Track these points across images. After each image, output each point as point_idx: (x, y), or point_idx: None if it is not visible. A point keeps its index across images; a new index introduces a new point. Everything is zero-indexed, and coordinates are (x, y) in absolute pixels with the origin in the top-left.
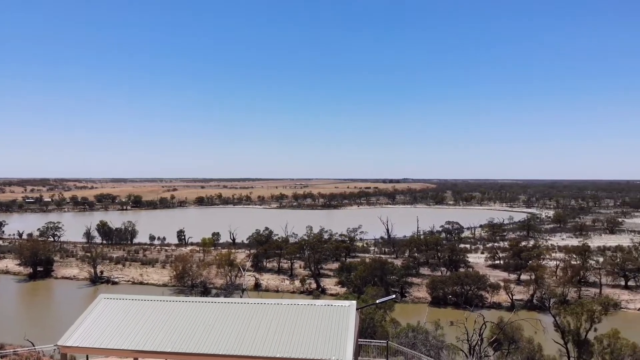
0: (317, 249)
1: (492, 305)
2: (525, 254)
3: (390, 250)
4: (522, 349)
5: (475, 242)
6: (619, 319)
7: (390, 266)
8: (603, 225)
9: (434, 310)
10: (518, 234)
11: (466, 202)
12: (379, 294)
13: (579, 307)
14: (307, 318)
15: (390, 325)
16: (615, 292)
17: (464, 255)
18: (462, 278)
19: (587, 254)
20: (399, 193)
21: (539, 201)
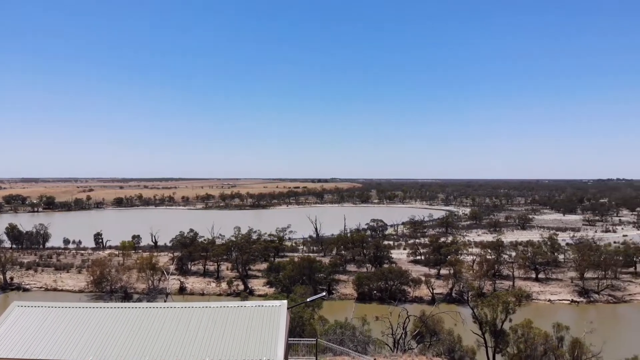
0: (245, 250)
1: (414, 299)
2: (445, 250)
3: (318, 248)
4: (443, 340)
5: (398, 238)
6: (531, 309)
7: (318, 264)
8: (515, 221)
9: (360, 306)
10: (437, 230)
11: (390, 200)
12: (308, 293)
13: (494, 299)
14: (237, 320)
15: (319, 323)
16: (527, 284)
17: (388, 251)
18: (386, 274)
19: (501, 249)
20: (327, 192)
21: (456, 199)
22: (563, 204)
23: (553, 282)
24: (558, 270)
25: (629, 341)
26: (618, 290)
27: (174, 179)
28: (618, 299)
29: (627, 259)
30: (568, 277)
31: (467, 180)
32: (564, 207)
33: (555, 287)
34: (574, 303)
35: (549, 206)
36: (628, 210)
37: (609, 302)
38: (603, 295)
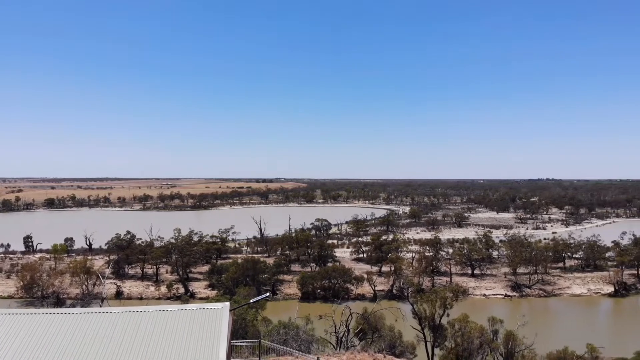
0: (185, 252)
1: (357, 297)
2: (386, 247)
3: (263, 249)
4: (385, 336)
5: (341, 237)
6: (468, 304)
7: (262, 265)
8: (452, 219)
9: (304, 305)
10: (379, 228)
11: (334, 200)
12: (251, 294)
13: (433, 295)
14: (177, 324)
15: (262, 324)
16: (464, 279)
17: (332, 250)
18: (330, 272)
19: (439, 246)
20: (272, 192)
21: (397, 198)
22: (497, 202)
23: (488, 278)
24: (492, 266)
25: (559, 333)
26: (548, 284)
27: (109, 178)
28: (548, 293)
29: (556, 255)
30: (502, 272)
31: (407, 180)
32: (498, 206)
33: (490, 283)
34: (508, 297)
35: (484, 205)
36: (557, 209)
37: (540, 296)
38: (534, 289)
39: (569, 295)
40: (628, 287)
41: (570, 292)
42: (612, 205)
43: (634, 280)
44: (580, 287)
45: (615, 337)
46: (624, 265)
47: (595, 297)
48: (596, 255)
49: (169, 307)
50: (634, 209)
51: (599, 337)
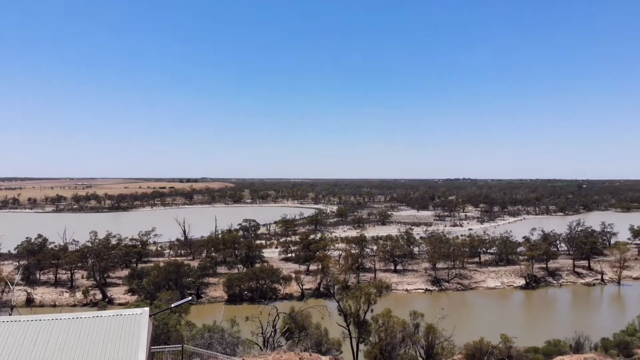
0: (103, 256)
1: (285, 296)
2: (314, 246)
3: (187, 251)
4: (311, 335)
5: (270, 237)
6: (391, 299)
7: (186, 268)
8: (376, 217)
9: (230, 307)
10: (308, 228)
11: (262, 200)
12: (174, 298)
13: (358, 291)
14: (92, 331)
15: (186, 329)
16: (387, 275)
17: (260, 250)
18: (257, 273)
19: (364, 244)
20: (197, 192)
21: (325, 198)
22: (417, 201)
23: (409, 273)
24: (414, 261)
25: (475, 324)
26: (465, 278)
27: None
28: (465, 287)
29: (472, 250)
30: (422, 267)
31: (334, 179)
32: (418, 204)
33: (412, 278)
34: (428, 291)
35: (405, 203)
36: (472, 207)
37: (458, 290)
38: (452, 283)
39: (484, 288)
40: (538, 280)
41: (486, 286)
42: (522, 203)
43: (543, 274)
44: (494, 280)
45: (527, 327)
46: (533, 259)
47: (508, 289)
48: (509, 250)
49: (84, 314)
50: (542, 206)
51: (512, 327)
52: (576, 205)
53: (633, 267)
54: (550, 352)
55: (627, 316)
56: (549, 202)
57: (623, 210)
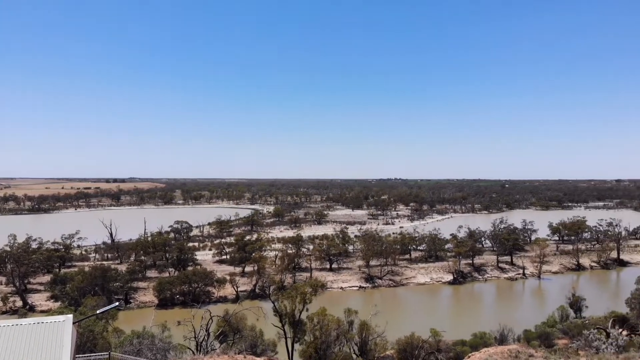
0: (22, 261)
1: (219, 299)
2: (249, 247)
3: (114, 255)
4: (246, 337)
5: (203, 239)
6: (326, 298)
7: (113, 273)
8: (313, 217)
9: (161, 312)
10: (243, 228)
11: (196, 201)
12: (101, 304)
13: (293, 291)
14: (11, 341)
15: (113, 335)
16: (323, 274)
17: (193, 253)
18: (190, 276)
19: (300, 243)
20: (124, 193)
21: (261, 198)
22: (352, 200)
23: (344, 271)
24: (348, 260)
25: (407, 320)
26: (397, 275)
27: None
28: (397, 283)
29: (403, 248)
30: (357, 265)
31: (271, 179)
32: (353, 204)
33: (346, 276)
34: (362, 289)
35: (341, 203)
36: (404, 206)
37: (390, 286)
38: (385, 280)
39: (415, 284)
40: (465, 275)
41: (416, 282)
42: (450, 202)
43: (470, 269)
44: (424, 276)
45: (455, 321)
46: (460, 255)
47: (437, 285)
48: (437, 247)
49: (2, 322)
50: (468, 205)
51: (441, 321)
52: (499, 204)
53: (552, 262)
54: (477, 344)
55: (548, 308)
56: (475, 201)
57: (542, 208)
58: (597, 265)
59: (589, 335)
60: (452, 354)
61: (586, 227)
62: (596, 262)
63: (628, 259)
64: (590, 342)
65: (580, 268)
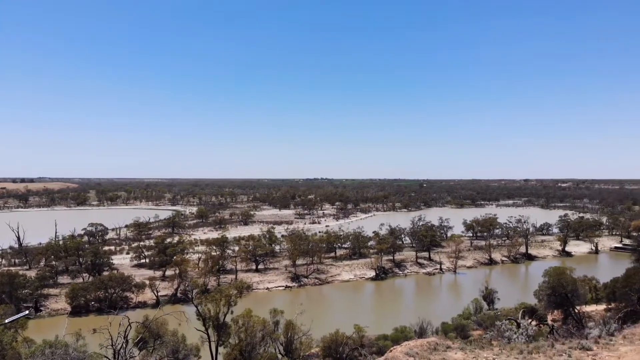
0: None
1: (138, 305)
2: (170, 250)
3: (22, 260)
4: (167, 342)
5: (120, 242)
6: (252, 299)
7: (22, 279)
8: (238, 218)
9: (75, 320)
10: (164, 231)
11: (112, 202)
12: (8, 313)
13: (218, 294)
14: None
15: (23, 345)
16: (249, 275)
17: (109, 257)
18: (106, 282)
19: (225, 245)
20: (33, 194)
21: (183, 199)
22: (279, 200)
23: (271, 272)
24: (275, 260)
25: (332, 317)
26: (322, 273)
27: None
28: (322, 281)
29: (329, 246)
30: (283, 265)
31: (194, 179)
32: (280, 203)
33: (273, 276)
34: (288, 288)
35: (268, 203)
36: (329, 205)
37: (316, 284)
38: (311, 278)
39: (340, 281)
40: (386, 271)
41: (341, 279)
42: (373, 201)
43: (391, 265)
44: (348, 273)
45: (378, 316)
46: (382, 252)
47: (360, 281)
48: (361, 245)
49: None
50: (389, 204)
51: (365, 317)
52: (418, 202)
53: (466, 257)
54: (398, 338)
55: (463, 301)
56: (395, 200)
57: (457, 206)
58: (508, 259)
59: (501, 326)
60: (374, 348)
61: (497, 223)
62: (507, 256)
63: (535, 254)
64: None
65: (492, 262)
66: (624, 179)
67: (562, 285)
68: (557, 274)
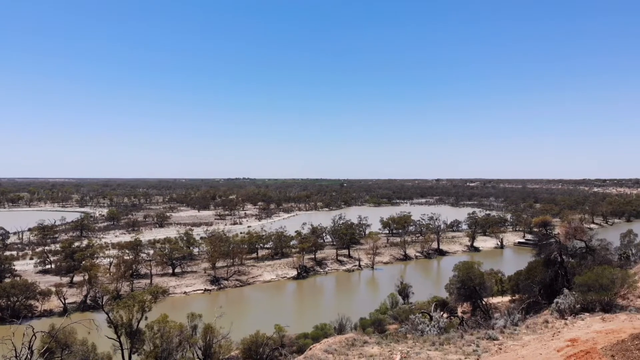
0: None
1: (43, 313)
2: (79, 255)
3: None
4: (76, 352)
5: (23, 247)
6: (168, 303)
7: None
8: (154, 220)
9: None
10: (71, 234)
11: (13, 203)
12: None
13: (131, 300)
14: None
15: None
16: (165, 280)
17: (10, 263)
18: (7, 289)
19: (139, 248)
20: None
21: (93, 200)
22: (198, 201)
23: (188, 275)
24: (193, 263)
25: (252, 318)
26: (244, 274)
27: None
28: (243, 282)
29: (250, 247)
30: (202, 268)
31: (105, 179)
32: (199, 204)
33: (190, 279)
34: (207, 291)
35: (186, 204)
36: (252, 205)
37: (237, 286)
38: (231, 281)
39: (261, 282)
40: (308, 270)
41: (262, 279)
42: (295, 200)
43: (312, 263)
44: (270, 273)
45: (299, 315)
46: (304, 251)
47: (282, 281)
48: (283, 244)
49: None
50: (311, 203)
51: (286, 317)
52: (339, 201)
53: (383, 254)
54: (318, 335)
55: (380, 296)
56: (317, 199)
57: (375, 205)
58: (421, 255)
59: (415, 319)
60: (295, 347)
61: (411, 221)
62: (420, 252)
63: (446, 249)
64: (416, 326)
65: (407, 258)
66: (526, 179)
67: (470, 278)
68: (466, 268)
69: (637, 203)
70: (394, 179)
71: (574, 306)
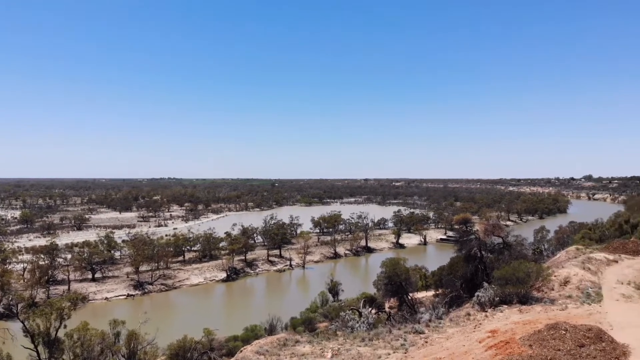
0: None
1: None
2: None
3: None
4: None
5: None
6: (89, 310)
7: None
8: (71, 222)
9: None
10: None
11: None
12: None
13: (48, 307)
14: None
15: None
16: (84, 285)
17: None
18: None
19: (55, 252)
20: None
21: (4, 201)
22: (119, 202)
23: (110, 280)
24: (115, 267)
25: (180, 323)
26: (170, 278)
27: None
28: (169, 287)
29: (177, 249)
30: (124, 272)
31: (16, 179)
32: (121, 205)
33: (112, 285)
34: (130, 297)
35: (106, 205)
36: (178, 206)
37: (162, 291)
38: (156, 285)
39: (188, 285)
40: (238, 272)
41: (190, 283)
42: (225, 201)
43: (243, 265)
44: (197, 276)
45: (228, 318)
46: (234, 252)
47: (211, 284)
48: (212, 246)
49: None
50: (242, 203)
51: (215, 320)
52: (270, 201)
53: (314, 253)
54: (248, 337)
55: (311, 295)
56: (248, 199)
57: (306, 204)
58: (350, 252)
59: (345, 316)
60: (224, 350)
61: (341, 220)
62: (349, 250)
63: (374, 246)
64: (346, 322)
65: (337, 256)
66: (447, 179)
67: (397, 274)
68: (393, 264)
69: (549, 201)
70: (325, 179)
71: (493, 299)
